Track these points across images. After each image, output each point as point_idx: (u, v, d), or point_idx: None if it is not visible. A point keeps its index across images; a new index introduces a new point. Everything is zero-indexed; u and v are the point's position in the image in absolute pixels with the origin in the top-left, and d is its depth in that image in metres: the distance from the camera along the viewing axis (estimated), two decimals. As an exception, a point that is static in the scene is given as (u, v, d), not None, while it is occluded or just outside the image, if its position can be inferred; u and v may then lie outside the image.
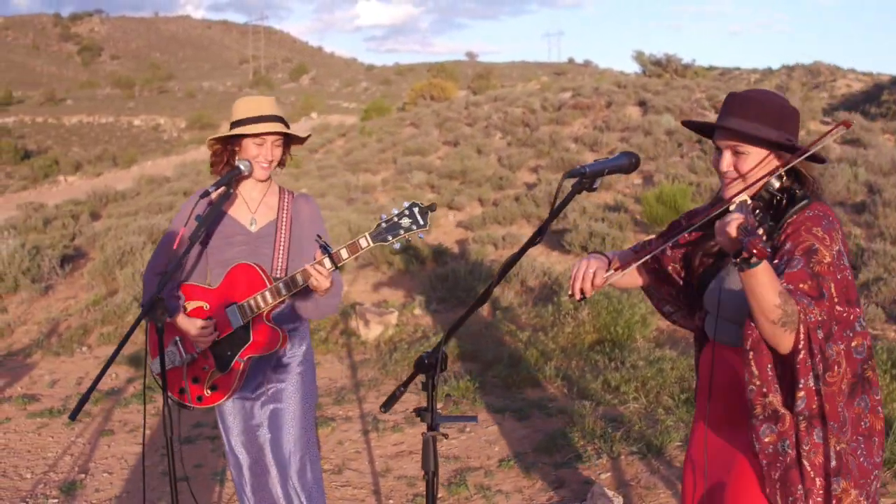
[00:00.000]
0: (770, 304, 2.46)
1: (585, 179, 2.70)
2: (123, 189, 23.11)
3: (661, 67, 38.53)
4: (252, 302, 3.85)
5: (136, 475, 5.96)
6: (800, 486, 2.61)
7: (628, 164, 2.76)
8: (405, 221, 3.62)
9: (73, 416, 3.58)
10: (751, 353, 2.62)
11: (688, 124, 3.06)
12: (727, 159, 2.84)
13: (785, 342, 2.53)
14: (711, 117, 23.74)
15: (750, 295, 2.50)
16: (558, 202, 2.70)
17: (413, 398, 6.84)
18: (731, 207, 2.60)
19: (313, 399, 4.15)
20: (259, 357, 3.95)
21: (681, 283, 3.22)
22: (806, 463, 2.60)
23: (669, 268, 3.22)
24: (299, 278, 3.73)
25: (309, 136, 4.11)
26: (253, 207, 4.06)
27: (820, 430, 2.60)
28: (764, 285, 2.45)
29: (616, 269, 3.02)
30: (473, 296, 10.06)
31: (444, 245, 13.20)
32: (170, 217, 15.71)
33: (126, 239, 13.10)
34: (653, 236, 3.34)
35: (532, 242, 2.70)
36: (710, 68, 51.15)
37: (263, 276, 3.87)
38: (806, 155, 2.68)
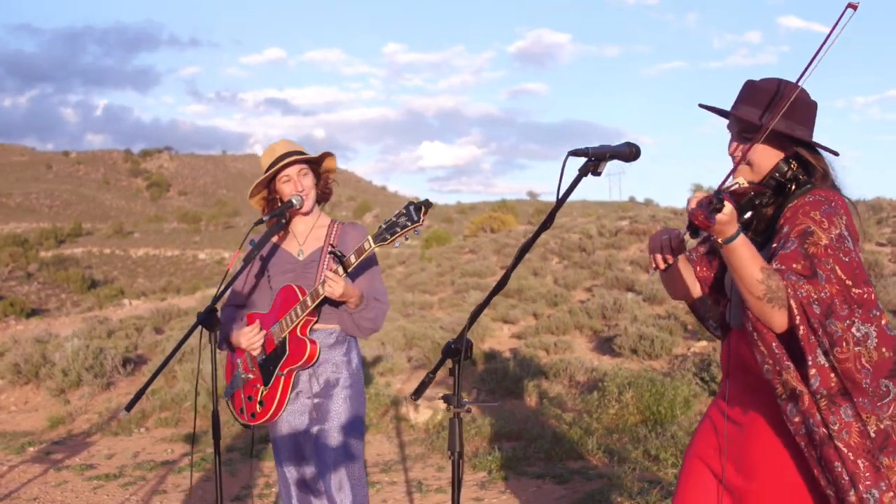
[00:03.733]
0: (752, 279, 2.56)
1: (590, 162, 2.89)
2: (187, 308, 23.63)
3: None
4: (287, 318, 4.14)
5: (185, 526, 6.18)
6: (838, 464, 2.57)
7: (628, 151, 2.81)
8: (402, 220, 3.75)
9: (129, 408, 3.90)
10: (755, 333, 2.65)
11: (704, 106, 3.10)
12: (734, 145, 2.95)
13: (776, 320, 2.59)
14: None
15: (732, 271, 2.62)
16: (564, 185, 2.88)
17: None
18: (728, 184, 2.81)
19: (359, 419, 4.31)
20: (299, 370, 4.20)
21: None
22: (839, 444, 2.57)
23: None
24: (320, 289, 3.99)
25: (328, 154, 4.39)
26: (301, 240, 4.38)
27: (849, 407, 2.59)
28: (743, 259, 2.57)
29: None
30: (521, 387, 10.22)
31: (497, 350, 13.42)
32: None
33: (187, 341, 13.46)
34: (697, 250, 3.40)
35: (543, 228, 2.89)
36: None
37: (299, 293, 4.16)
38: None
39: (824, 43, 2.60)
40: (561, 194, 2.82)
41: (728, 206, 2.55)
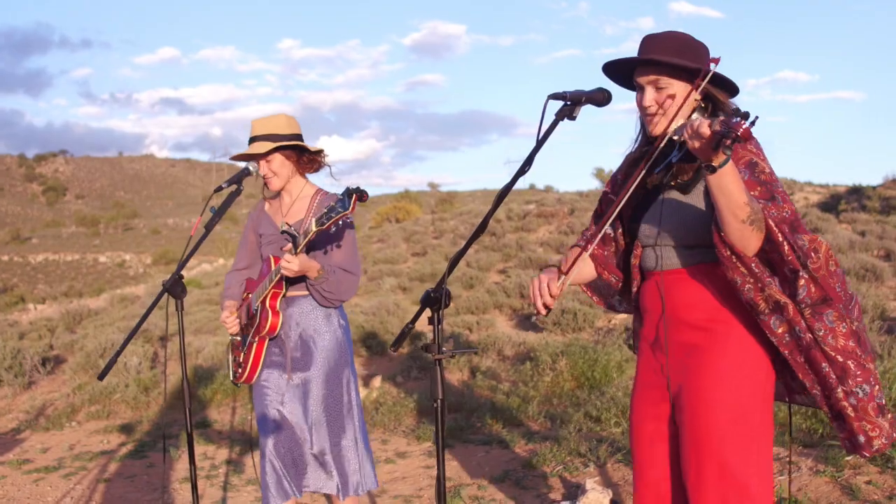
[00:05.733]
0: (740, 202, 2.64)
1: (566, 106, 2.95)
2: (97, 308, 23.24)
3: (621, 183, 39.42)
4: (260, 288, 4.27)
5: (137, 510, 6.15)
6: (825, 364, 2.76)
7: (601, 96, 2.88)
8: (338, 206, 3.90)
9: (102, 377, 3.89)
10: (733, 257, 2.76)
11: (607, 67, 3.14)
12: (649, 95, 3.01)
13: (754, 242, 2.71)
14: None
15: (721, 195, 2.65)
16: (543, 128, 2.96)
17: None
18: (673, 136, 2.90)
19: (344, 380, 4.43)
20: (268, 337, 4.31)
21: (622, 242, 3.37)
22: (826, 347, 2.74)
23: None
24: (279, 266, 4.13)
25: (277, 149, 4.39)
26: (285, 211, 4.50)
27: (830, 313, 2.74)
28: (734, 182, 2.63)
29: (565, 273, 3.13)
30: (452, 362, 10.29)
31: (422, 332, 13.49)
32: (149, 319, 16.11)
33: (107, 337, 13.31)
34: (589, 228, 3.51)
35: (522, 172, 2.95)
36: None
37: (273, 265, 4.28)
38: (710, 74, 2.83)
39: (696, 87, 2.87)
40: (540, 136, 2.88)
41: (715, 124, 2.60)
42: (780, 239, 2.70)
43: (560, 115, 2.89)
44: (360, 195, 3.89)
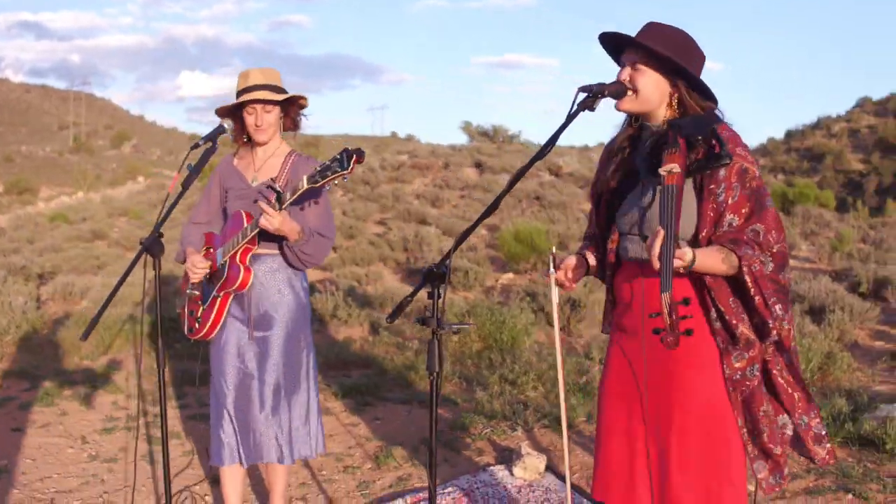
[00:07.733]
0: (719, 272, 2.83)
1: (588, 98, 3.04)
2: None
3: (488, 138, 39.86)
4: (230, 243, 4.25)
5: (59, 460, 6.04)
6: (763, 407, 2.94)
7: (619, 90, 3.06)
8: (334, 165, 3.85)
9: (84, 337, 3.83)
10: (712, 290, 2.89)
11: (602, 38, 3.18)
12: (626, 71, 3.08)
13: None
14: (547, 178, 24.79)
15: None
16: (570, 112, 3.03)
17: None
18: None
19: (303, 343, 4.48)
20: (235, 293, 4.32)
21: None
22: (781, 380, 2.94)
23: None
24: (260, 220, 4.08)
25: (298, 97, 4.45)
26: (257, 166, 4.47)
27: (786, 353, 2.95)
28: (706, 267, 2.80)
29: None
30: (353, 316, 10.34)
31: (311, 281, 13.48)
32: (23, 255, 15.73)
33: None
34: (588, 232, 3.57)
35: (540, 155, 3.05)
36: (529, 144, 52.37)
37: (245, 220, 4.24)
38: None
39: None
40: (564, 123, 3.01)
41: (687, 254, 2.73)
42: (752, 293, 2.84)
43: (582, 106, 3.05)
44: (360, 156, 3.85)
